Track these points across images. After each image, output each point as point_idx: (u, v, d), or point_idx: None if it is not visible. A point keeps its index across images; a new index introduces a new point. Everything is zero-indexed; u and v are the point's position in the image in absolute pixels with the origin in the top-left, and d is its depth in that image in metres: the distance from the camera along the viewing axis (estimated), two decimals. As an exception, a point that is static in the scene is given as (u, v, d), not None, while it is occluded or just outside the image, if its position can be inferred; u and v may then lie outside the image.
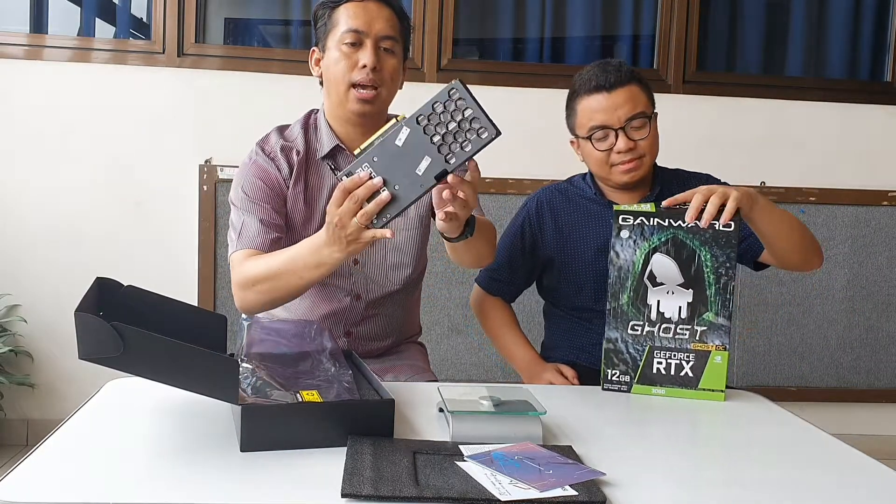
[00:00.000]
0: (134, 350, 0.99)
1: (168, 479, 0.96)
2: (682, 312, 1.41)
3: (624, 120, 1.62)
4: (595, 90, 1.64)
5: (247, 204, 1.53)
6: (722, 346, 1.41)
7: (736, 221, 1.38)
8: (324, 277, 1.41)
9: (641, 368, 1.43)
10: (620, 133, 1.63)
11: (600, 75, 1.63)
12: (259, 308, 1.49)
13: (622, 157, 1.63)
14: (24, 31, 2.97)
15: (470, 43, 3.21)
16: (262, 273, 1.43)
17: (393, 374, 1.66)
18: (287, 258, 1.41)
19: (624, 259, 1.42)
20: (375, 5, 1.53)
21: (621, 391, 1.43)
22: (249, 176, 1.56)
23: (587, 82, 1.65)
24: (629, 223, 1.41)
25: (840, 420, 3.09)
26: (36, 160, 2.88)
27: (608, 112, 1.63)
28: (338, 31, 1.52)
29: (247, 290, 1.46)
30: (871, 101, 3.16)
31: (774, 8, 3.24)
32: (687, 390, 1.41)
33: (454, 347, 2.98)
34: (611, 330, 1.44)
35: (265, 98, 2.88)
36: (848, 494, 1.03)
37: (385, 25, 1.52)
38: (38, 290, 2.89)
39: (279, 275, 1.41)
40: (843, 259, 3.09)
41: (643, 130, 1.64)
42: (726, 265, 1.39)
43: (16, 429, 2.92)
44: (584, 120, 1.67)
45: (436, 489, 0.92)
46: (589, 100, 1.65)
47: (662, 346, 1.42)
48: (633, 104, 1.63)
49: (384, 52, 1.53)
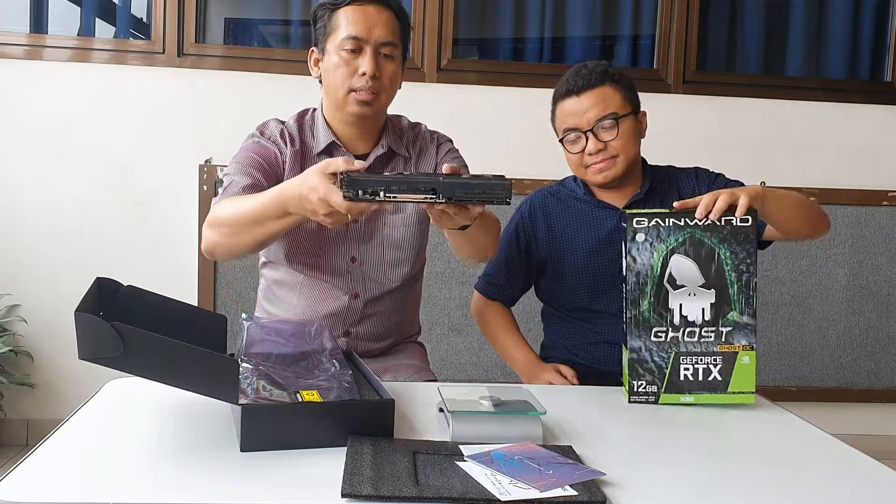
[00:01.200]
0: (134, 350, 0.99)
1: (168, 479, 0.96)
2: (705, 314, 1.37)
3: (593, 122, 1.65)
4: (566, 94, 1.69)
5: (238, 170, 1.53)
6: (749, 345, 1.36)
7: (753, 216, 1.36)
8: (286, 230, 1.38)
9: (668, 376, 1.37)
10: (590, 135, 1.66)
11: (571, 79, 1.68)
12: (221, 252, 1.45)
13: (593, 158, 1.67)
14: (24, 31, 2.97)
15: (470, 43, 3.21)
16: (229, 214, 1.41)
17: (392, 374, 1.66)
18: (255, 202, 1.37)
19: (641, 263, 1.37)
20: (375, 9, 1.52)
21: (649, 402, 1.37)
22: (246, 151, 1.56)
23: (561, 86, 1.70)
24: (644, 226, 1.37)
25: (840, 420, 3.09)
26: (36, 160, 2.88)
27: (577, 115, 1.67)
28: (337, 37, 1.52)
29: (212, 229, 1.44)
30: (871, 101, 3.16)
31: (774, 8, 3.24)
32: (716, 395, 1.36)
33: (454, 347, 2.98)
34: (633, 339, 1.38)
35: (265, 98, 2.88)
36: (848, 494, 1.03)
37: (385, 31, 1.52)
38: (38, 290, 2.89)
39: (244, 217, 1.37)
40: (843, 259, 3.09)
41: (612, 131, 1.66)
42: (747, 261, 1.35)
43: (16, 429, 2.92)
44: (559, 123, 1.72)
45: (436, 489, 0.92)
46: (562, 104, 1.70)
47: (688, 351, 1.37)
48: (602, 106, 1.65)
49: (383, 58, 1.53)
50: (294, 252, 1.62)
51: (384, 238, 1.63)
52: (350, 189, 1.16)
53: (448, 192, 1.17)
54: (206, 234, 1.45)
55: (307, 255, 1.61)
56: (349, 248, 1.61)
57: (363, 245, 1.62)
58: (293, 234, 1.59)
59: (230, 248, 1.44)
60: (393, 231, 1.63)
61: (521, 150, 2.97)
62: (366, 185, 1.15)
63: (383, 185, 1.16)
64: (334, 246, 1.60)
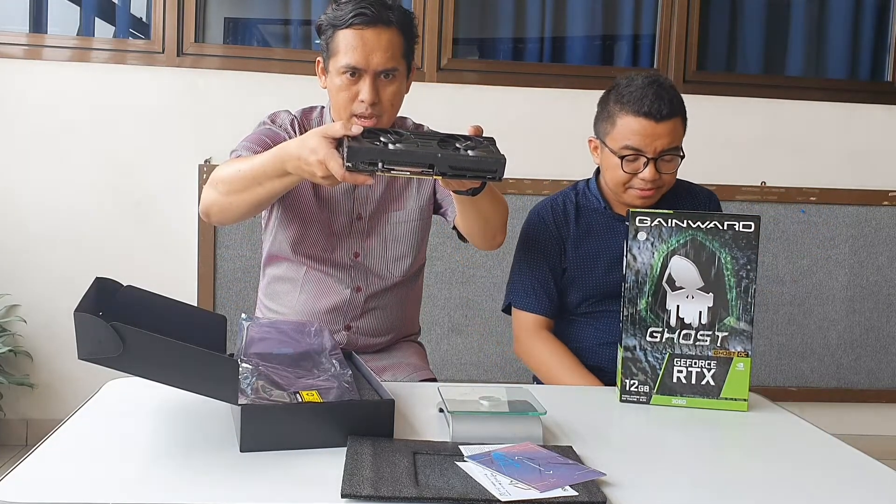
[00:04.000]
0: (133, 350, 0.99)
1: (168, 479, 0.96)
2: (702, 317, 1.35)
3: (659, 151, 1.60)
4: (645, 115, 1.58)
5: (245, 146, 1.53)
6: (744, 352, 1.35)
7: (755, 222, 1.35)
8: (283, 191, 1.40)
9: (661, 377, 1.36)
10: (651, 163, 1.60)
11: (654, 102, 1.58)
12: (216, 212, 1.46)
13: (644, 184, 1.61)
14: (24, 31, 2.97)
15: (470, 43, 3.21)
16: (229, 172, 1.41)
17: (391, 373, 1.67)
18: (255, 161, 1.38)
19: (641, 262, 1.36)
20: (374, 33, 1.48)
21: (640, 402, 1.36)
22: (256, 134, 1.57)
23: (638, 102, 1.59)
24: (646, 224, 1.36)
25: (840, 420, 3.09)
26: (36, 160, 2.88)
27: (648, 139, 1.59)
28: (337, 61, 1.51)
29: (211, 187, 1.45)
30: (871, 101, 3.16)
31: (774, 8, 3.24)
32: (708, 400, 1.35)
33: (454, 347, 2.98)
34: (628, 337, 1.37)
35: (265, 98, 2.86)
36: (848, 494, 1.03)
37: (383, 58, 1.49)
38: (38, 290, 2.89)
39: (243, 174, 1.38)
40: (843, 259, 3.09)
41: (671, 164, 1.62)
42: (747, 267, 1.34)
43: (16, 429, 2.92)
44: (620, 136, 1.61)
45: (436, 489, 0.92)
46: (634, 121, 1.59)
47: (683, 353, 1.35)
48: (671, 138, 1.60)
49: (383, 80, 1.51)
50: (300, 243, 1.63)
51: (386, 234, 1.65)
52: (351, 159, 1.20)
53: (443, 167, 1.22)
54: (205, 193, 1.47)
55: (313, 246, 1.63)
56: (352, 243, 1.63)
57: (365, 241, 1.64)
58: (302, 226, 1.60)
59: (226, 208, 1.44)
60: (395, 227, 1.65)
61: (521, 149, 2.96)
62: (366, 156, 1.20)
63: (383, 157, 1.20)
64: (339, 241, 1.62)
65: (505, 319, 2.96)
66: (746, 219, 1.35)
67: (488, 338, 2.99)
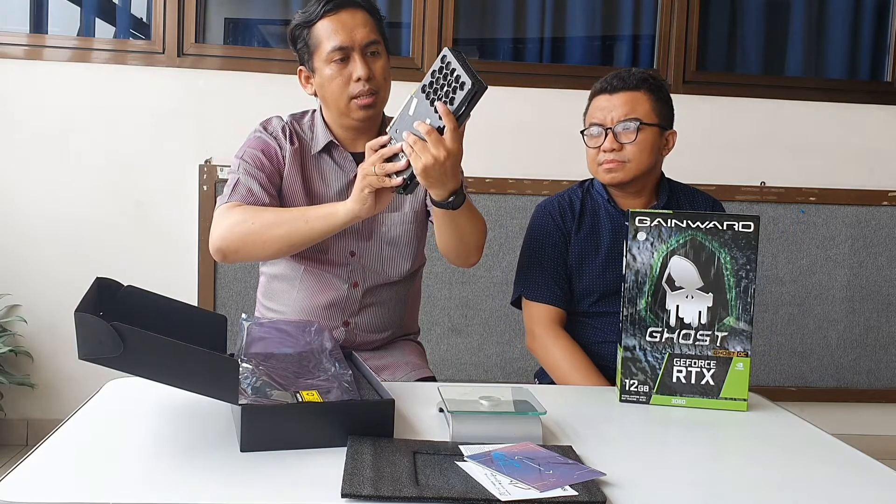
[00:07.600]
0: (134, 350, 0.99)
1: (168, 479, 0.96)
2: (701, 317, 1.36)
3: (616, 121, 1.66)
4: (601, 90, 1.71)
5: (245, 169, 1.57)
6: (744, 352, 1.36)
7: (755, 222, 1.36)
8: (330, 233, 1.45)
9: (661, 377, 1.36)
10: (609, 133, 1.66)
11: (611, 78, 1.70)
12: (235, 249, 1.47)
13: (606, 156, 1.67)
14: (24, 31, 2.97)
15: (470, 43, 3.21)
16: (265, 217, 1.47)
17: (390, 372, 1.68)
18: (295, 210, 1.48)
19: (641, 262, 1.37)
20: (348, 14, 1.54)
21: (640, 402, 1.37)
22: (250, 148, 1.60)
23: (599, 83, 1.72)
24: (646, 224, 1.37)
25: (840, 420, 3.09)
26: (36, 160, 2.88)
27: (605, 112, 1.68)
28: (323, 51, 1.54)
29: (233, 228, 1.47)
30: (871, 101, 3.16)
31: (774, 8, 3.24)
32: (708, 399, 1.36)
33: (454, 347, 2.98)
34: (628, 337, 1.37)
35: (265, 98, 2.88)
36: (848, 494, 1.03)
37: (365, 31, 1.54)
38: (38, 290, 2.89)
39: (284, 220, 1.46)
40: (843, 259, 3.09)
41: (630, 135, 1.65)
42: (746, 268, 1.35)
43: (16, 429, 2.92)
44: (588, 118, 1.74)
45: (436, 489, 0.92)
46: (596, 99, 1.72)
47: (682, 353, 1.36)
48: (629, 108, 1.66)
49: (371, 57, 1.56)
50: None
51: (382, 235, 1.65)
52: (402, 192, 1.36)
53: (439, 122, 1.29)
54: (220, 234, 1.48)
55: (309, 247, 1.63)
56: (348, 243, 1.64)
57: (361, 241, 1.64)
58: None
59: (248, 247, 1.49)
60: (390, 229, 1.66)
61: (521, 150, 2.98)
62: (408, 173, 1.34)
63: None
64: (334, 240, 1.62)
65: (505, 319, 2.99)
66: (746, 219, 1.36)
67: (488, 338, 2.99)
